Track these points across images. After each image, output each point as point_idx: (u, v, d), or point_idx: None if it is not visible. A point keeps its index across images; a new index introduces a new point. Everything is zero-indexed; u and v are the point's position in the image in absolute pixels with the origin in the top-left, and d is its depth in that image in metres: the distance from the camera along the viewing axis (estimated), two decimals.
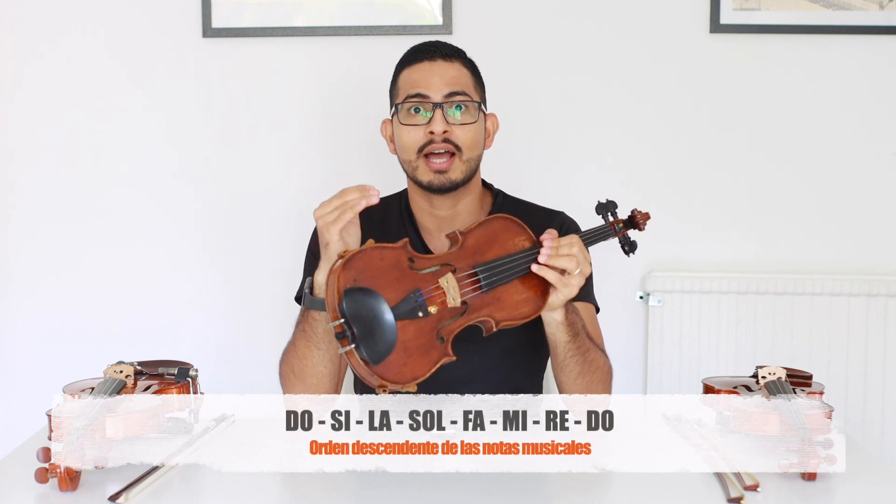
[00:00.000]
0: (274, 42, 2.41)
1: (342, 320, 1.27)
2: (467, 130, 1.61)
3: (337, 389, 1.58)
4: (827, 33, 2.36)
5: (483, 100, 1.69)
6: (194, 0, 2.39)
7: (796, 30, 2.36)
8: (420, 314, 1.32)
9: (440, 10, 2.37)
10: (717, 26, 2.36)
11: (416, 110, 1.62)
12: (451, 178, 1.61)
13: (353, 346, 1.26)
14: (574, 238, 1.43)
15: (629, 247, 1.55)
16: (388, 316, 1.29)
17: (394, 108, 1.66)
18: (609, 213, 1.54)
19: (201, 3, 2.38)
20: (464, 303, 1.37)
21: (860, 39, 2.36)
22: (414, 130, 1.61)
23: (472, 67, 1.68)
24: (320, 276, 1.46)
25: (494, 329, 1.40)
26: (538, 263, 1.40)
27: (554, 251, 1.40)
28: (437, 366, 1.31)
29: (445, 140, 1.59)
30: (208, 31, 2.40)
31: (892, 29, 2.35)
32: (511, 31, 2.40)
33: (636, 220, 1.57)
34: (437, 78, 1.62)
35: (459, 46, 1.70)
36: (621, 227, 1.55)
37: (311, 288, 1.49)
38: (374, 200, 1.43)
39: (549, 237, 1.42)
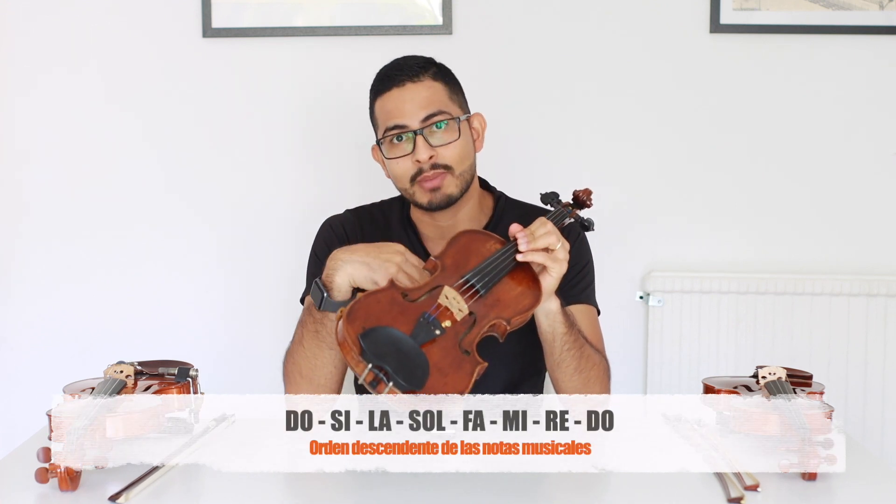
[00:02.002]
0: (274, 42, 2.41)
1: (370, 366, 1.25)
2: (453, 148, 1.60)
3: (340, 389, 1.58)
4: (827, 33, 2.36)
5: (463, 106, 1.66)
6: (194, 0, 2.39)
7: (796, 30, 2.36)
8: (437, 332, 1.32)
9: (440, 10, 2.37)
10: (717, 26, 2.36)
11: (399, 139, 1.60)
12: (447, 194, 1.61)
13: (391, 384, 1.24)
14: (542, 219, 1.46)
15: (587, 223, 1.61)
16: (411, 342, 1.30)
17: (377, 141, 1.65)
18: (554, 201, 1.59)
19: (201, 3, 2.38)
20: (470, 312, 1.38)
21: (860, 39, 2.36)
22: (402, 162, 1.60)
23: (444, 77, 1.64)
24: (339, 278, 1.46)
25: (508, 329, 1.41)
26: (521, 252, 1.41)
27: (530, 236, 1.41)
28: (475, 376, 1.32)
29: (434, 165, 1.59)
30: (208, 31, 2.39)
31: (892, 29, 2.35)
32: (511, 31, 2.40)
33: (581, 199, 1.64)
34: (409, 104, 1.59)
35: (429, 55, 1.66)
36: (570, 209, 1.61)
37: (326, 290, 1.46)
38: None
39: (518, 228, 1.43)
